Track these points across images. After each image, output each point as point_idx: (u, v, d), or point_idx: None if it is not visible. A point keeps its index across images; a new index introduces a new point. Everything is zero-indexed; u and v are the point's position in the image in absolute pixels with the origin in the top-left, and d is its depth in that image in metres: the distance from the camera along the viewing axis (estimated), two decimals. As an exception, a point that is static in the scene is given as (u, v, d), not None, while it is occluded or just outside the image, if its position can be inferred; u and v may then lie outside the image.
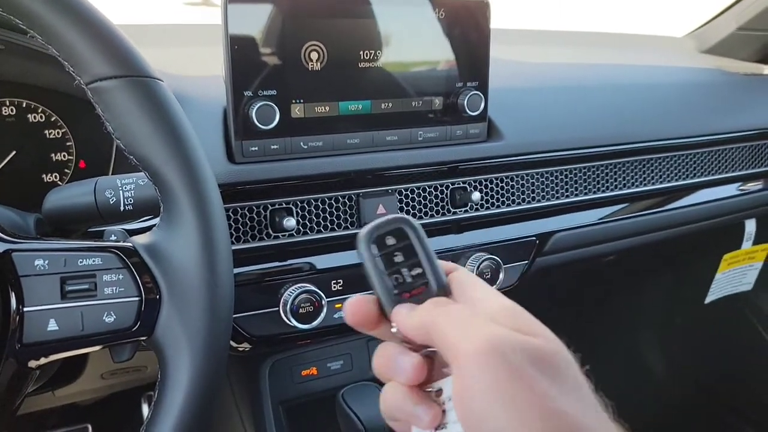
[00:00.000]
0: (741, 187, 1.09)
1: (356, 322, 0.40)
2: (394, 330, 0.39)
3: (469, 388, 0.32)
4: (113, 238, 0.51)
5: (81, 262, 0.46)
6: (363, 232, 0.39)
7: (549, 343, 0.34)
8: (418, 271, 0.38)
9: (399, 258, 0.38)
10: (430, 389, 0.37)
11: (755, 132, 1.08)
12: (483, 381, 0.31)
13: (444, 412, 0.36)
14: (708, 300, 1.29)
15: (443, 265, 0.40)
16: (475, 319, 0.34)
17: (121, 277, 0.46)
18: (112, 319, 0.46)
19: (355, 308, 0.40)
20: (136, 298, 0.47)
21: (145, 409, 0.94)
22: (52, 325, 0.45)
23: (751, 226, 1.19)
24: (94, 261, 0.46)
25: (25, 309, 0.44)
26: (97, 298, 0.46)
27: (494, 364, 0.31)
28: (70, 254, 0.46)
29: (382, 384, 0.83)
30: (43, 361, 0.46)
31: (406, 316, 0.37)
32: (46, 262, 0.45)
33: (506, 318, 0.35)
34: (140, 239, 0.48)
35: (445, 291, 0.39)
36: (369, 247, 0.38)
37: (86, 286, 0.46)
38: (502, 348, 0.32)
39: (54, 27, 0.44)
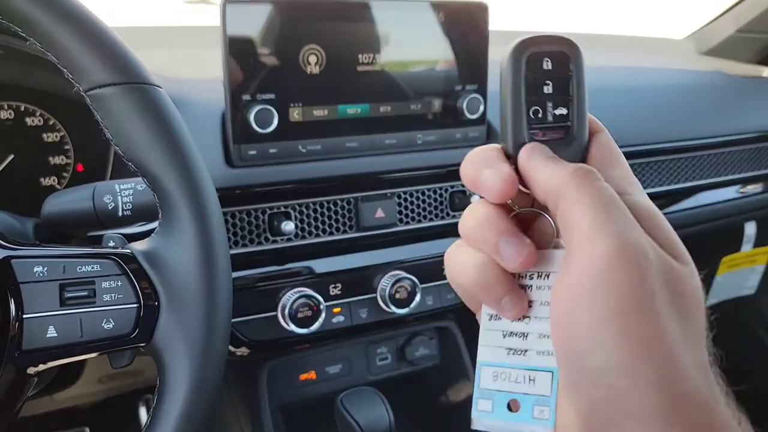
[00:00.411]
0: (741, 190, 1.09)
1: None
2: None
3: (580, 290, 0.26)
4: (112, 244, 0.51)
5: (80, 269, 0.46)
6: (518, 40, 0.31)
7: (692, 275, 0.28)
8: (563, 111, 0.31)
9: (548, 89, 0.31)
10: (528, 272, 0.31)
11: (755, 134, 1.08)
12: (603, 288, 0.26)
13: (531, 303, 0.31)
14: (709, 303, 1.29)
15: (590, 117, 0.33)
16: (620, 210, 0.27)
17: (119, 283, 0.46)
18: (111, 326, 0.46)
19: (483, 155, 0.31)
20: (135, 305, 0.46)
21: (143, 413, 0.94)
22: (51, 332, 0.44)
23: (751, 228, 1.19)
24: (93, 268, 0.46)
25: (24, 316, 0.44)
26: (96, 305, 0.46)
27: (626, 273, 0.25)
28: (69, 261, 0.46)
29: (380, 389, 0.83)
30: (41, 367, 0.46)
31: (539, 163, 0.30)
32: (46, 268, 0.45)
33: (650, 225, 0.28)
34: (139, 245, 0.48)
35: (583, 149, 0.32)
36: (519, 61, 0.31)
37: (85, 293, 0.45)
38: (643, 258, 0.26)
39: (53, 34, 0.44)
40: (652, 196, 0.32)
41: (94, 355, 0.47)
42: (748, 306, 1.37)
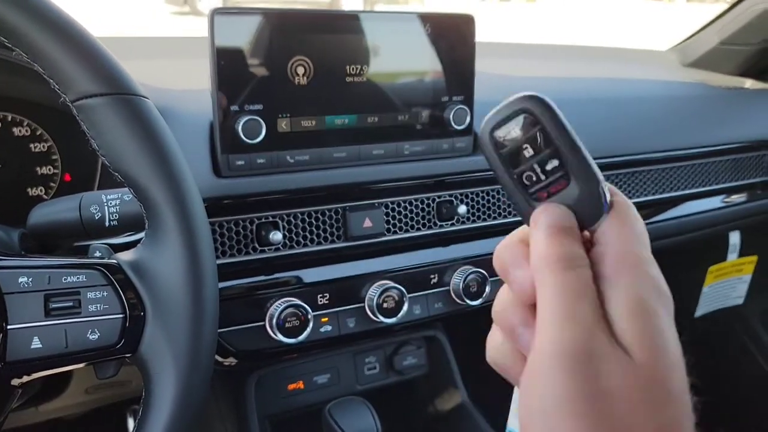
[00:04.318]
0: (725, 200, 1.10)
1: None
2: None
3: (534, 375, 0.28)
4: (98, 254, 0.51)
5: (65, 280, 0.46)
6: (482, 125, 0.32)
7: (670, 370, 0.28)
8: (554, 163, 0.31)
9: (528, 151, 0.31)
10: None
11: (738, 145, 1.09)
12: (550, 382, 0.27)
13: None
14: (698, 313, 1.30)
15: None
16: (583, 308, 0.27)
17: (105, 294, 0.46)
18: (96, 337, 0.46)
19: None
20: (120, 316, 0.46)
21: (131, 423, 0.93)
22: (36, 343, 0.44)
23: (735, 238, 1.20)
24: (78, 278, 0.46)
25: (8, 327, 0.44)
26: (81, 316, 0.46)
27: (571, 375, 0.26)
28: (54, 271, 0.45)
29: (368, 398, 0.83)
30: (26, 378, 0.46)
31: (536, 239, 0.30)
32: (30, 279, 0.45)
33: (631, 317, 0.28)
34: (125, 256, 0.48)
35: (597, 186, 0.31)
36: (489, 143, 0.31)
37: (70, 304, 0.45)
38: (590, 363, 0.26)
39: (39, 44, 0.44)
40: (637, 206, 0.33)
41: (79, 366, 0.47)
42: (733, 315, 1.38)
